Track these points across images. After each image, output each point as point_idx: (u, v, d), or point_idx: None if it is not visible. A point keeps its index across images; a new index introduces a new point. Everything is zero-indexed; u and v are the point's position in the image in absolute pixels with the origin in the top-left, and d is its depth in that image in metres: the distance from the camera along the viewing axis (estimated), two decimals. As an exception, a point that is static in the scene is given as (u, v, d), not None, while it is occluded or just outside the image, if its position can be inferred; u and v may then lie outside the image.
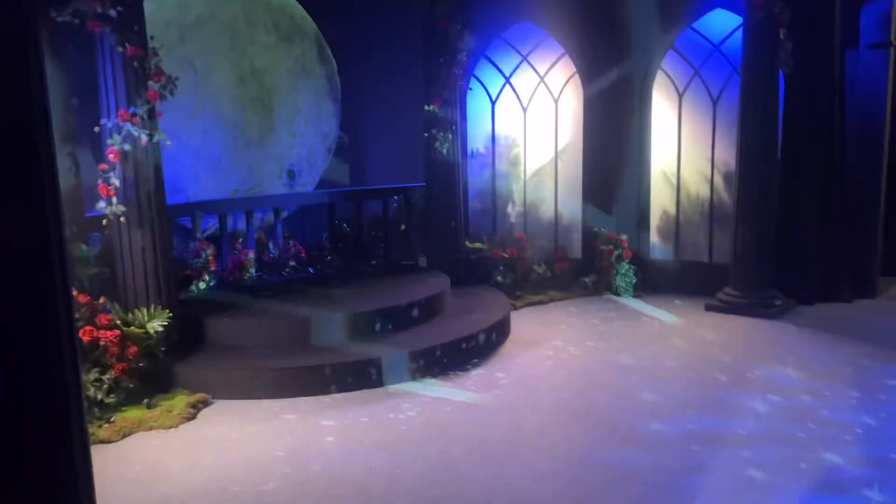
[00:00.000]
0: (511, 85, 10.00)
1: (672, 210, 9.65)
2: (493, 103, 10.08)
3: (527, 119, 10.05)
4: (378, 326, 7.00)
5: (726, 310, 8.51)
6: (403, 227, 9.54)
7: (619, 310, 8.89)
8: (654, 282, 9.55)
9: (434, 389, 6.35)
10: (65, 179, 6.37)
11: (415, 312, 7.30)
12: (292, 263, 8.52)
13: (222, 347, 6.63)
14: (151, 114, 6.21)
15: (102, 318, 5.85)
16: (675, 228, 9.65)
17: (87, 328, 5.69)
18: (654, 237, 9.76)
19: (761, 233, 8.36)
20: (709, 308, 8.66)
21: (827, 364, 6.78)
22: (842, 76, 8.72)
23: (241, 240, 8.24)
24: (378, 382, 6.36)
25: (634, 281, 9.43)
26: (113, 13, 5.93)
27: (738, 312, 8.40)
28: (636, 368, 6.79)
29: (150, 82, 6.18)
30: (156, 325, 6.07)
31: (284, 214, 8.63)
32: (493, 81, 10.02)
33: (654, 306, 8.96)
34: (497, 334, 7.44)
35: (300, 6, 9.53)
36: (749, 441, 5.18)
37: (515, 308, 8.70)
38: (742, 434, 5.32)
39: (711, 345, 7.44)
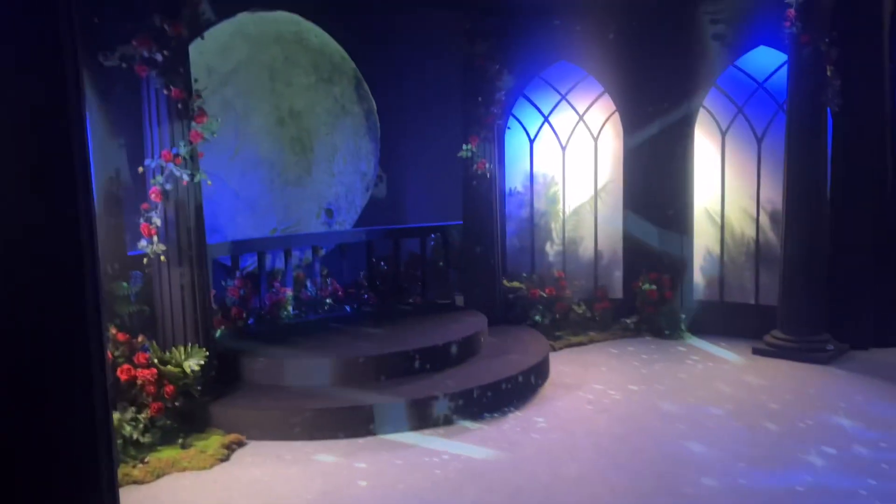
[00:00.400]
0: (550, 124, 9.96)
1: (716, 249, 9.40)
2: (532, 142, 10.04)
3: (566, 157, 9.97)
4: (415, 366, 6.89)
5: (774, 354, 8.19)
6: (441, 264, 9.48)
7: (661, 352, 8.63)
8: (698, 323, 9.26)
9: (470, 433, 6.18)
10: (108, 218, 6.49)
11: (452, 352, 7.19)
12: (329, 301, 8.50)
13: (257, 387, 6.59)
14: (193, 154, 6.30)
15: (140, 357, 5.86)
16: (720, 268, 9.38)
17: (125, 366, 5.72)
18: (697, 277, 9.50)
19: (811, 274, 8.06)
20: (756, 352, 8.34)
21: (882, 413, 6.43)
22: (892, 113, 8.46)
23: (279, 278, 8.27)
24: (413, 424, 6.22)
25: (677, 322, 9.17)
26: (159, 57, 6.08)
27: (786, 357, 8.07)
28: (680, 415, 6.53)
29: (193, 123, 6.29)
30: (193, 364, 6.05)
31: (322, 252, 8.65)
32: (532, 120, 10.00)
33: (697, 349, 8.67)
34: (535, 376, 7.26)
35: (339, 47, 9.68)
36: (808, 498, 4.91)
37: (554, 349, 8.50)
38: (799, 490, 5.03)
39: (759, 391, 7.14)
